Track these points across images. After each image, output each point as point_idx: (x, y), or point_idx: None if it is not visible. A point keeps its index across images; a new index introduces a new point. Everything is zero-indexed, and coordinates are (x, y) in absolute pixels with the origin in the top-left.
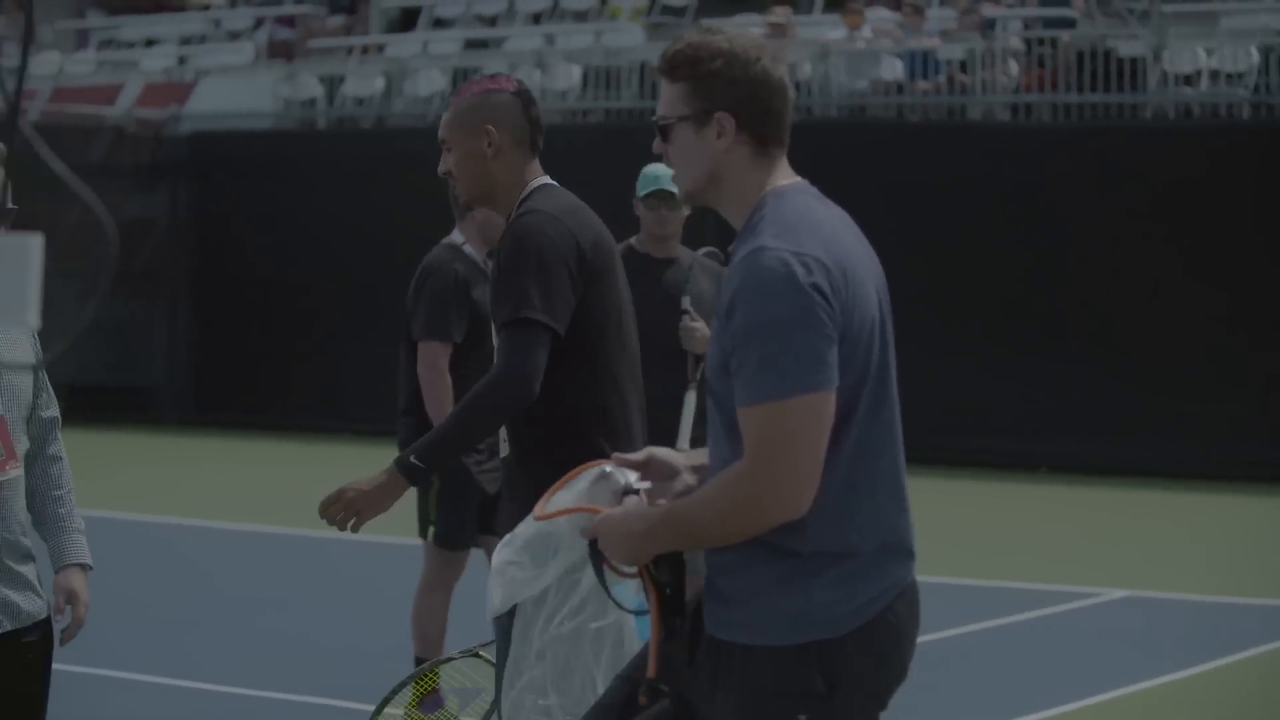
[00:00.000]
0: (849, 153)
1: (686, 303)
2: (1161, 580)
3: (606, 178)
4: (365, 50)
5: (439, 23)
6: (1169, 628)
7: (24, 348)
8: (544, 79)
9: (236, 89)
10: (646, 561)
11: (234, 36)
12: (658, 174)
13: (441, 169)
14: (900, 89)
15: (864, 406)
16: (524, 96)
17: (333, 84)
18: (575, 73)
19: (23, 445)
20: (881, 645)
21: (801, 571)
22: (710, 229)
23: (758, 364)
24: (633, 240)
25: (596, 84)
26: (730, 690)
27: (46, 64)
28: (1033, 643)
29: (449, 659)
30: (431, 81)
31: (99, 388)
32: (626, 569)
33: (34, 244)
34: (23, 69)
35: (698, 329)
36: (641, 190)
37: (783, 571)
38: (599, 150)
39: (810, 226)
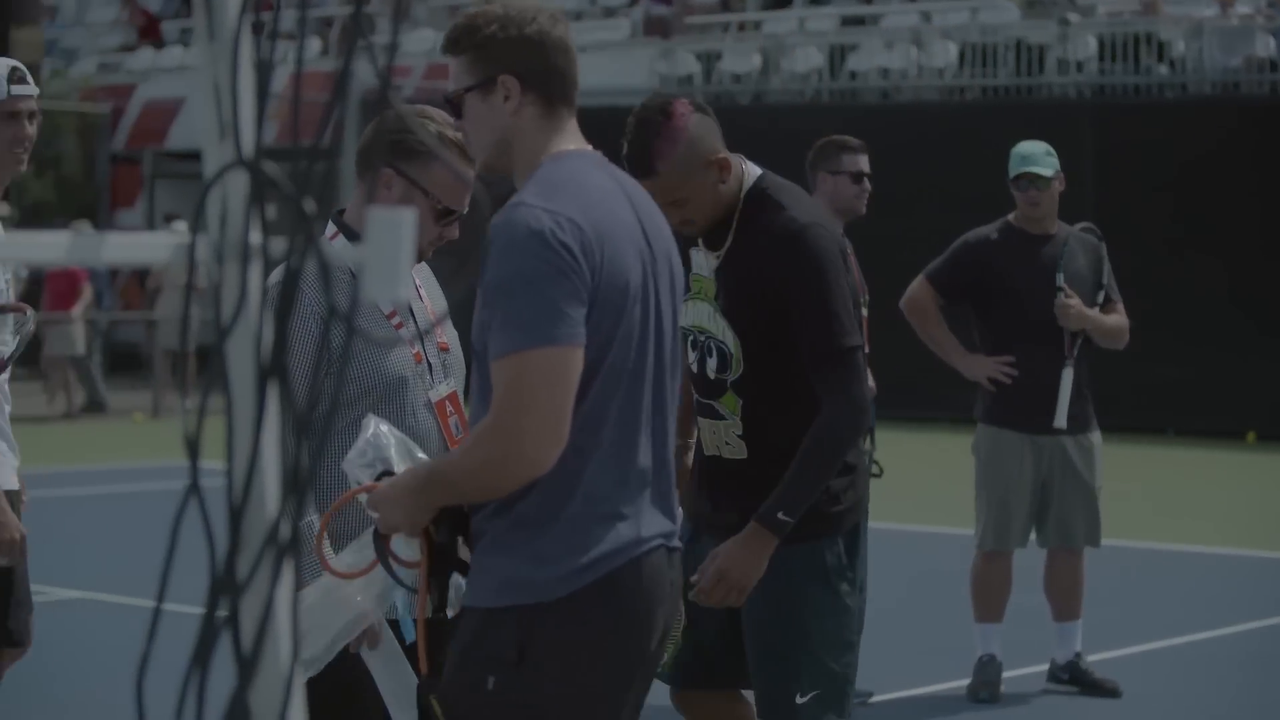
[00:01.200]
0: (1222, 130)
1: (1061, 279)
2: None
3: (983, 155)
4: (741, 27)
5: (816, 0)
6: None
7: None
8: (920, 56)
9: (613, 65)
10: (426, 523)
11: (610, 13)
12: (1025, 154)
13: (674, 222)
14: (1274, 66)
15: (606, 373)
16: (700, 108)
17: (709, 61)
18: (952, 50)
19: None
20: (595, 614)
21: (514, 534)
22: (1089, 204)
23: (503, 318)
24: (1010, 217)
25: (973, 61)
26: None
27: (420, 41)
28: None
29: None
30: (809, 58)
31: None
32: (408, 556)
33: (407, 218)
34: (394, 45)
35: (1073, 305)
36: (1011, 172)
37: (498, 533)
38: (975, 127)
39: (574, 189)
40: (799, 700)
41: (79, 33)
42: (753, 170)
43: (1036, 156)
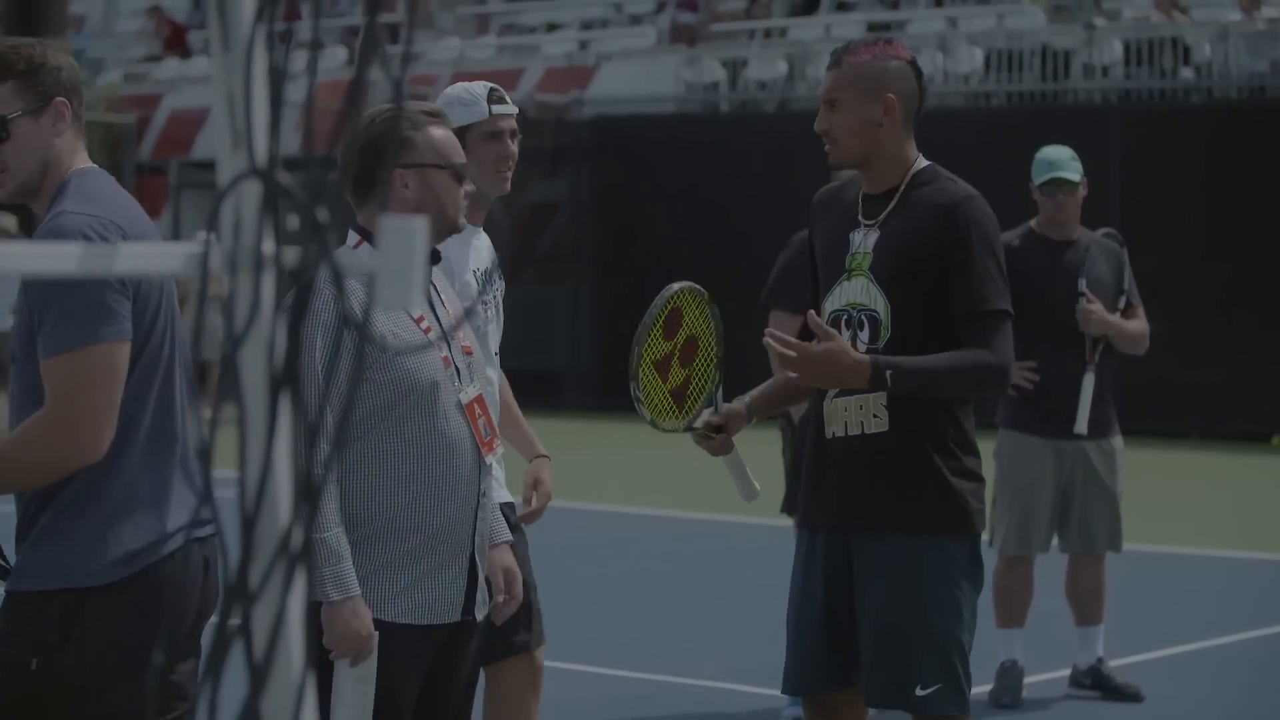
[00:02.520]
0: (1250, 134)
1: (1083, 284)
2: None
3: (1007, 160)
4: (767, 34)
5: (841, 6)
6: None
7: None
8: (946, 61)
9: (639, 73)
10: None
11: (636, 20)
12: (1051, 160)
13: (820, 126)
14: None
15: (144, 364)
16: (916, 67)
17: (735, 68)
18: (978, 55)
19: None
20: (132, 604)
21: (59, 522)
22: (1114, 210)
23: (56, 318)
24: (1032, 223)
25: (999, 66)
26: None
27: (447, 49)
28: None
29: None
30: None
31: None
32: None
33: (419, 227)
34: (408, 55)
35: (1094, 311)
36: (1036, 178)
37: (45, 521)
38: (1000, 132)
39: (106, 198)
40: (919, 693)
41: (105, 43)
42: (921, 160)
43: (1063, 162)
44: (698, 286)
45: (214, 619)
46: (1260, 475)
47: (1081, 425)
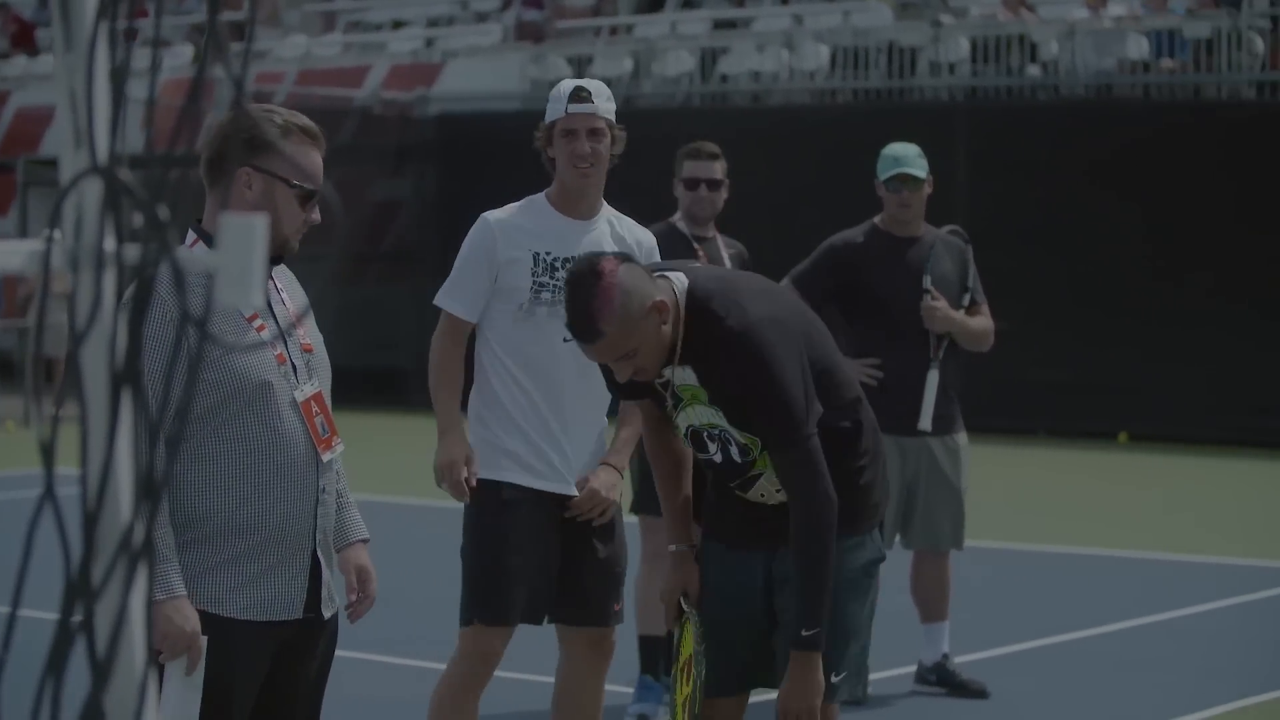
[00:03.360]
0: (1096, 131)
1: (928, 281)
2: None
3: (854, 158)
4: (613, 31)
5: (688, 3)
6: None
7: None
8: (792, 59)
9: (484, 71)
10: None
11: (481, 18)
12: (897, 156)
13: (626, 378)
14: (1146, 68)
15: None
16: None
17: (581, 65)
18: (824, 52)
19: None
20: None
21: None
22: (960, 207)
23: None
24: (876, 219)
25: (845, 64)
26: None
27: (293, 47)
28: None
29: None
30: (680, 62)
31: (346, 370)
32: None
33: (259, 224)
34: (248, 52)
35: (939, 308)
36: (882, 173)
37: None
38: (846, 131)
39: None
40: (833, 680)
41: None
42: (681, 283)
43: (909, 158)
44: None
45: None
46: (1107, 472)
47: (925, 422)
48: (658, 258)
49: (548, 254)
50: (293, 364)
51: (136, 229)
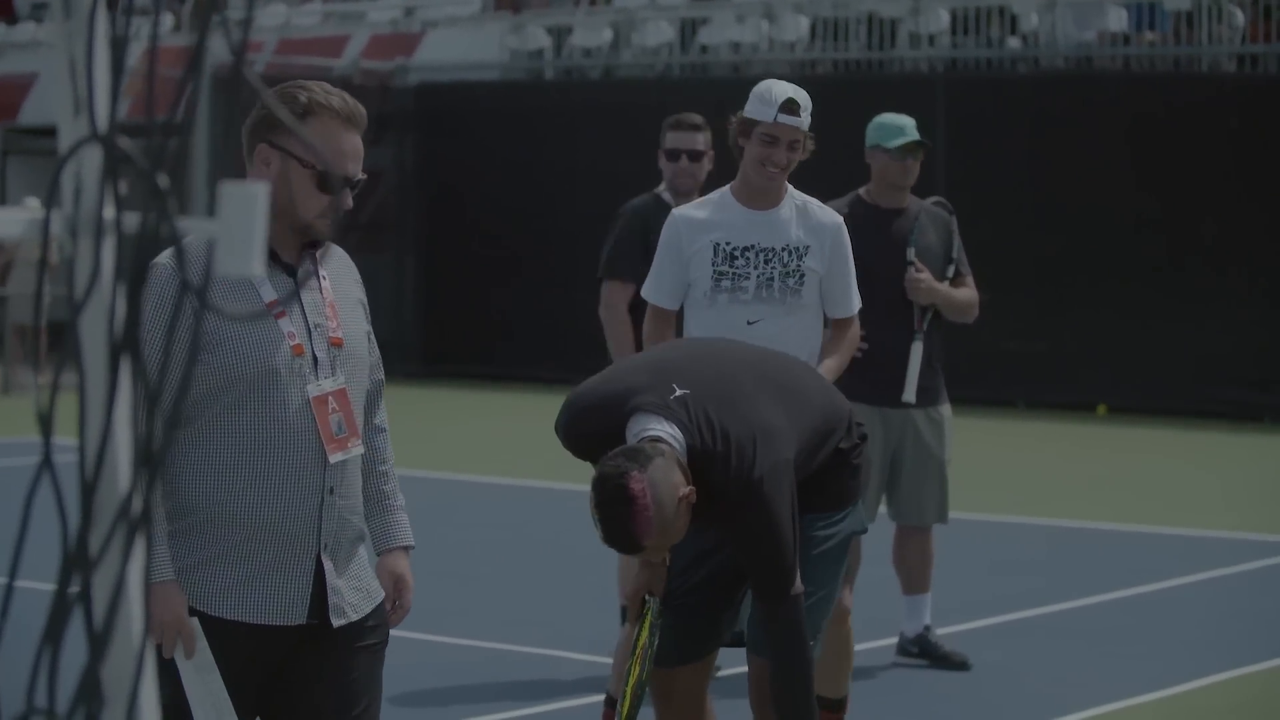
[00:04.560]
0: (1076, 103)
1: (912, 253)
2: None
3: (834, 129)
4: (593, 1)
5: None
6: None
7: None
8: (772, 30)
9: (463, 40)
10: None
11: None
12: (903, 124)
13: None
14: (1126, 39)
15: None
16: None
17: (560, 35)
18: (803, 24)
19: (361, 417)
20: None
21: None
22: (939, 179)
23: None
24: (861, 191)
25: (825, 35)
26: None
27: (272, 16)
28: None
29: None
30: (660, 32)
31: None
32: None
33: (260, 192)
34: (248, 20)
35: (923, 279)
36: (890, 140)
37: None
38: (827, 101)
39: None
40: (811, 647)
41: None
42: (680, 444)
43: (911, 126)
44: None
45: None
46: (1087, 444)
47: (909, 394)
48: (845, 240)
49: (727, 244)
50: (314, 356)
51: (133, 197)
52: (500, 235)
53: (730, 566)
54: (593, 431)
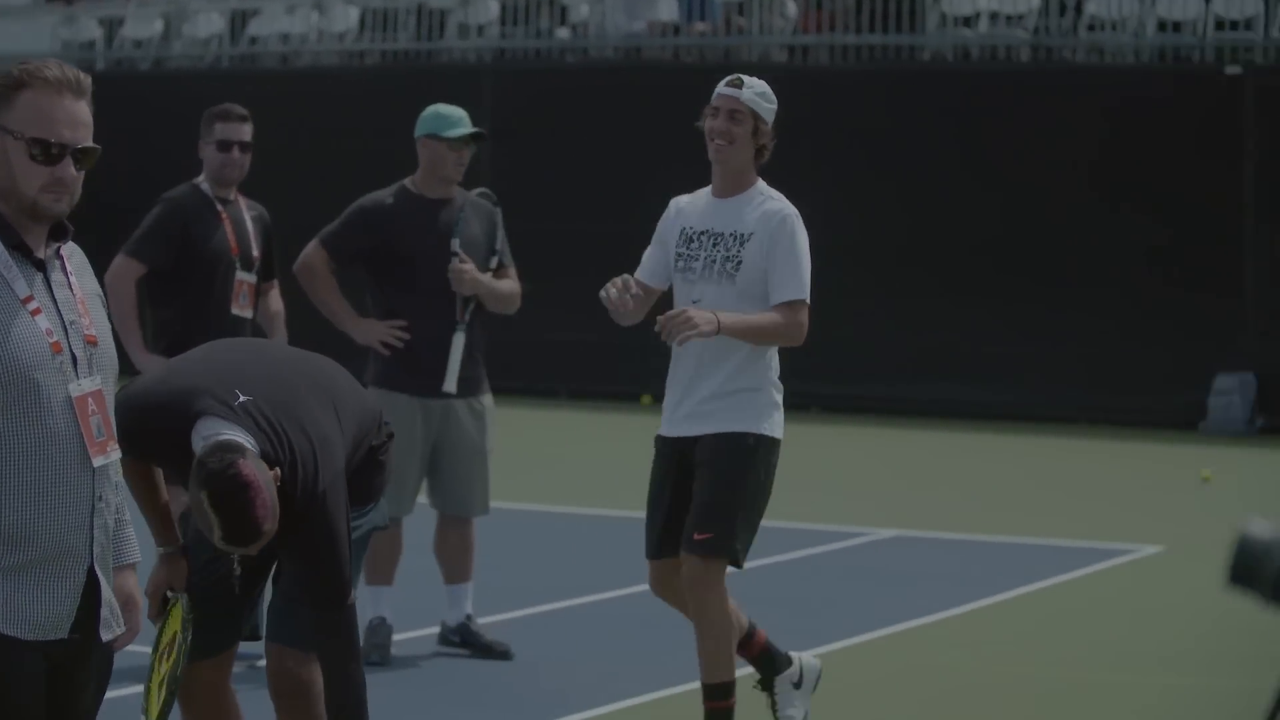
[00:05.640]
0: (625, 96)
1: (456, 244)
2: (930, 521)
3: (382, 120)
4: None
5: None
6: (935, 566)
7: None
8: (321, 21)
9: (15, 30)
10: None
11: None
12: (461, 116)
13: None
14: (676, 30)
15: None
16: None
17: (112, 26)
18: (353, 14)
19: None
20: None
21: None
22: (485, 170)
23: None
24: (408, 181)
25: (374, 25)
26: None
27: None
28: (798, 581)
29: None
30: (210, 24)
31: None
32: None
33: None
34: None
35: (467, 270)
36: (447, 131)
37: None
38: (376, 92)
39: None
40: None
41: None
42: (250, 444)
43: (467, 118)
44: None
45: None
46: (630, 434)
47: (450, 384)
48: (789, 230)
49: (690, 228)
50: (72, 355)
51: None
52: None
53: (249, 564)
54: (156, 430)
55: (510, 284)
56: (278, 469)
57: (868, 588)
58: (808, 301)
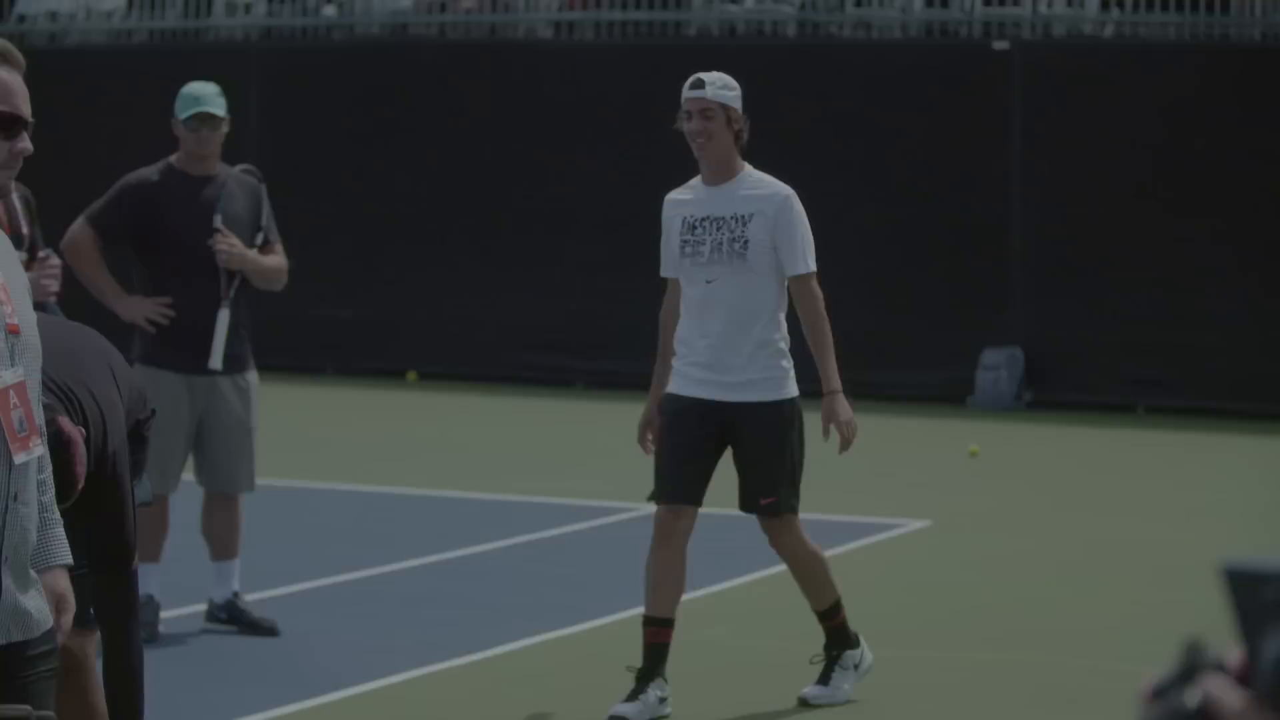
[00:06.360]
0: (392, 73)
1: (219, 220)
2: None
3: (150, 99)
4: None
5: None
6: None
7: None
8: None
9: None
10: None
11: None
12: (196, 95)
13: None
14: (443, 7)
15: None
16: None
17: None
18: None
19: (40, 415)
20: None
21: None
22: (252, 147)
23: None
24: (172, 158)
25: (142, 5)
26: None
27: None
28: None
29: None
30: None
31: None
32: None
33: None
34: None
35: (230, 246)
36: (180, 112)
37: None
38: (143, 72)
39: None
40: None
41: None
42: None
43: (208, 97)
44: None
45: None
46: (396, 411)
47: (216, 361)
48: (792, 207)
49: (691, 216)
50: None
51: None
52: None
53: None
54: None
55: (276, 260)
56: (81, 428)
57: (622, 567)
58: (814, 270)
